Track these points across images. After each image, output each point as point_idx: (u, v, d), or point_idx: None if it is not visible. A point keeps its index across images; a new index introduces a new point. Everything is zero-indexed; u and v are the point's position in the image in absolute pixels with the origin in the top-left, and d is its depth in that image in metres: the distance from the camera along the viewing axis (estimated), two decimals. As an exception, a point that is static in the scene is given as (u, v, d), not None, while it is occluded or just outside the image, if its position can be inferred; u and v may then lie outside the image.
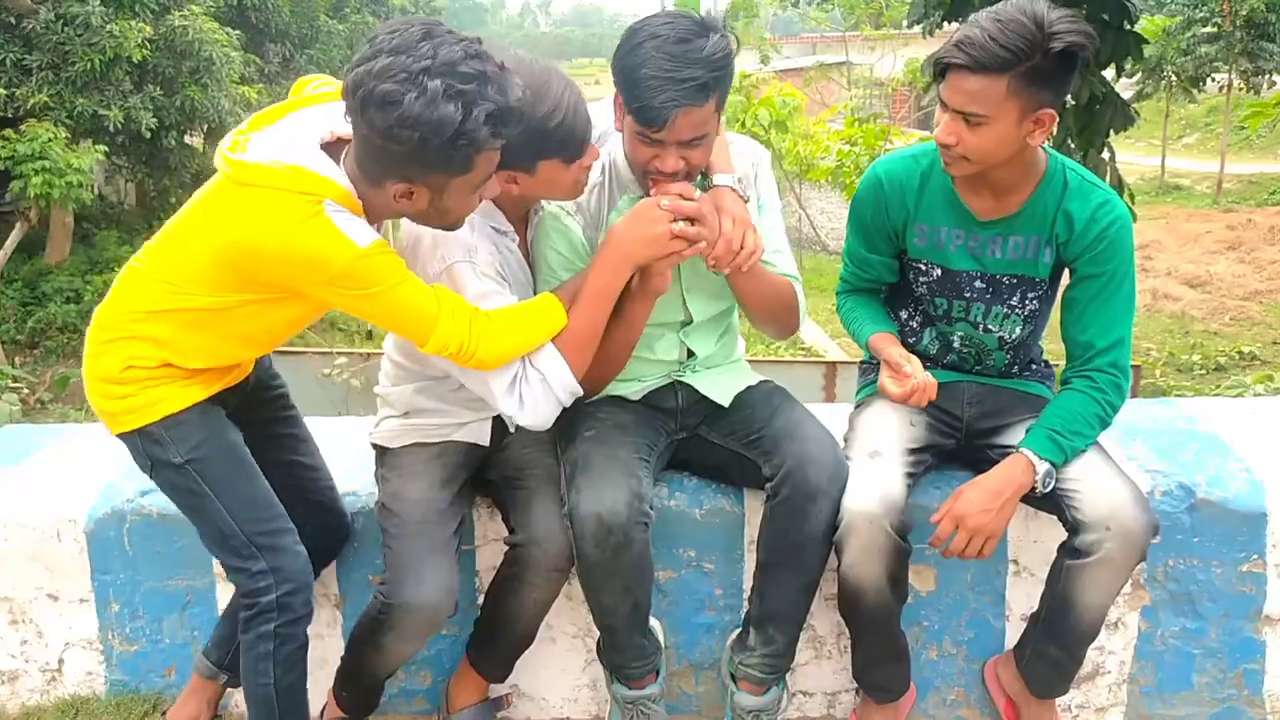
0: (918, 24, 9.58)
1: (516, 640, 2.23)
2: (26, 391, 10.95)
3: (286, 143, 1.78)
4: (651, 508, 2.02)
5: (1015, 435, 2.13)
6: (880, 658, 2.21)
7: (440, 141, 1.64)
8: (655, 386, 2.24)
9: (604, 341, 2.03)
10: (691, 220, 1.92)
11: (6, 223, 13.64)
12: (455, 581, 2.04)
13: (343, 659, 2.21)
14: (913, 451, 2.15)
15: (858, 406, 2.34)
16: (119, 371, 1.89)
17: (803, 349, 12.13)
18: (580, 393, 2.01)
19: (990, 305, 2.16)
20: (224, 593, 2.36)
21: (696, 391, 2.23)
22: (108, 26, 12.72)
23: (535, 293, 2.10)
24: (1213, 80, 22.30)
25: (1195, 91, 22.64)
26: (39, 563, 2.40)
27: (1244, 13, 19.64)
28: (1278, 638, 2.30)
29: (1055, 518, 2.08)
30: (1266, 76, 20.92)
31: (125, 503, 2.37)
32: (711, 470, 2.32)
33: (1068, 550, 2.02)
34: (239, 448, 2.00)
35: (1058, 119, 1.96)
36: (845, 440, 2.21)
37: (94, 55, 12.74)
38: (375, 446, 2.24)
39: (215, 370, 1.97)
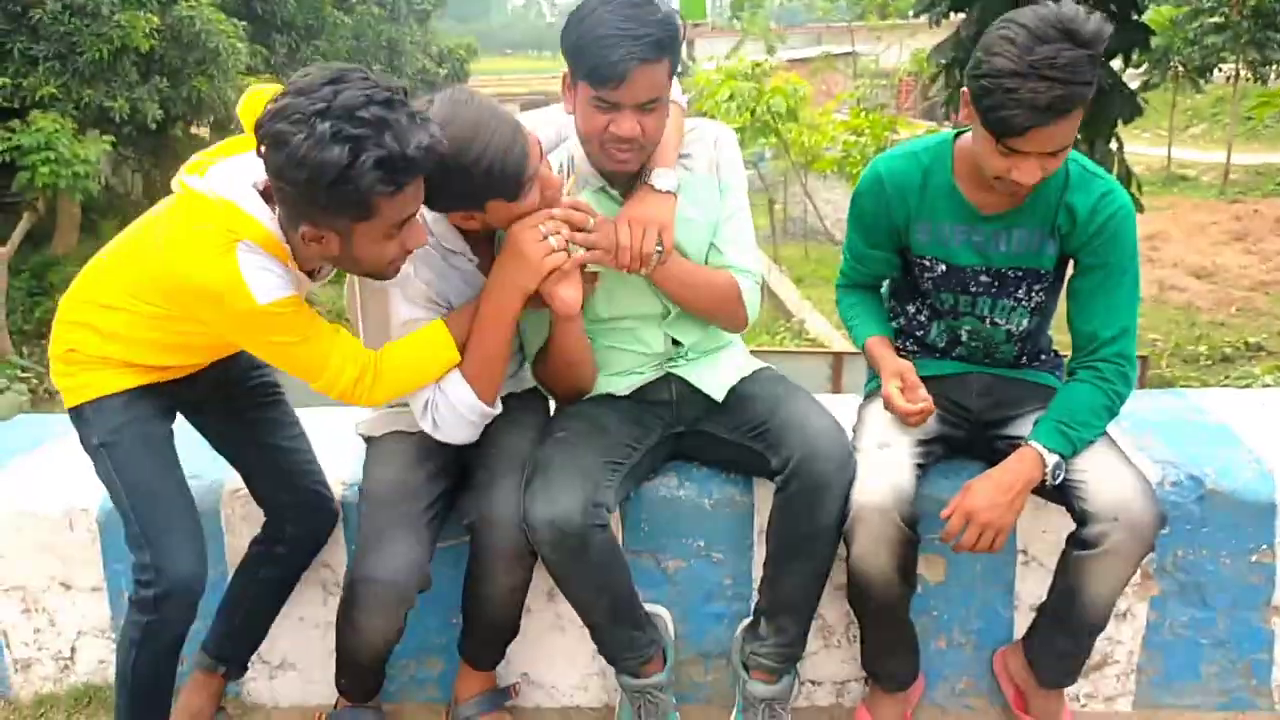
0: (924, 13, 9.58)
1: (495, 626, 2.22)
2: (35, 382, 10.98)
3: (231, 177, 1.81)
4: (610, 510, 2.03)
5: (1025, 426, 2.13)
6: (889, 647, 2.21)
7: (326, 184, 1.65)
8: (647, 380, 2.23)
9: (550, 363, 2.11)
10: (581, 230, 1.94)
11: (14, 213, 13.66)
12: (423, 557, 2.04)
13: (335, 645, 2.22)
14: (922, 443, 2.15)
15: (867, 398, 2.33)
16: (63, 352, 1.99)
17: (809, 340, 12.12)
18: (493, 412, 2.05)
19: (996, 299, 2.16)
20: (235, 582, 2.37)
21: (690, 383, 2.23)
22: (115, 17, 12.71)
23: None
24: (1219, 70, 22.21)
25: (1202, 82, 22.54)
26: (51, 552, 2.41)
27: (1251, 2, 19.55)
28: (1286, 628, 2.30)
29: (1064, 508, 2.08)
30: (1274, 67, 20.84)
31: (97, 503, 2.36)
32: (720, 463, 2.32)
33: (1076, 541, 2.02)
34: (158, 440, 2.02)
35: None
36: (854, 431, 2.21)
37: (102, 46, 12.73)
38: (362, 438, 2.27)
39: (156, 367, 2.00)
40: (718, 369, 2.25)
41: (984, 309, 2.18)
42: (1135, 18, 8.22)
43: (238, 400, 2.18)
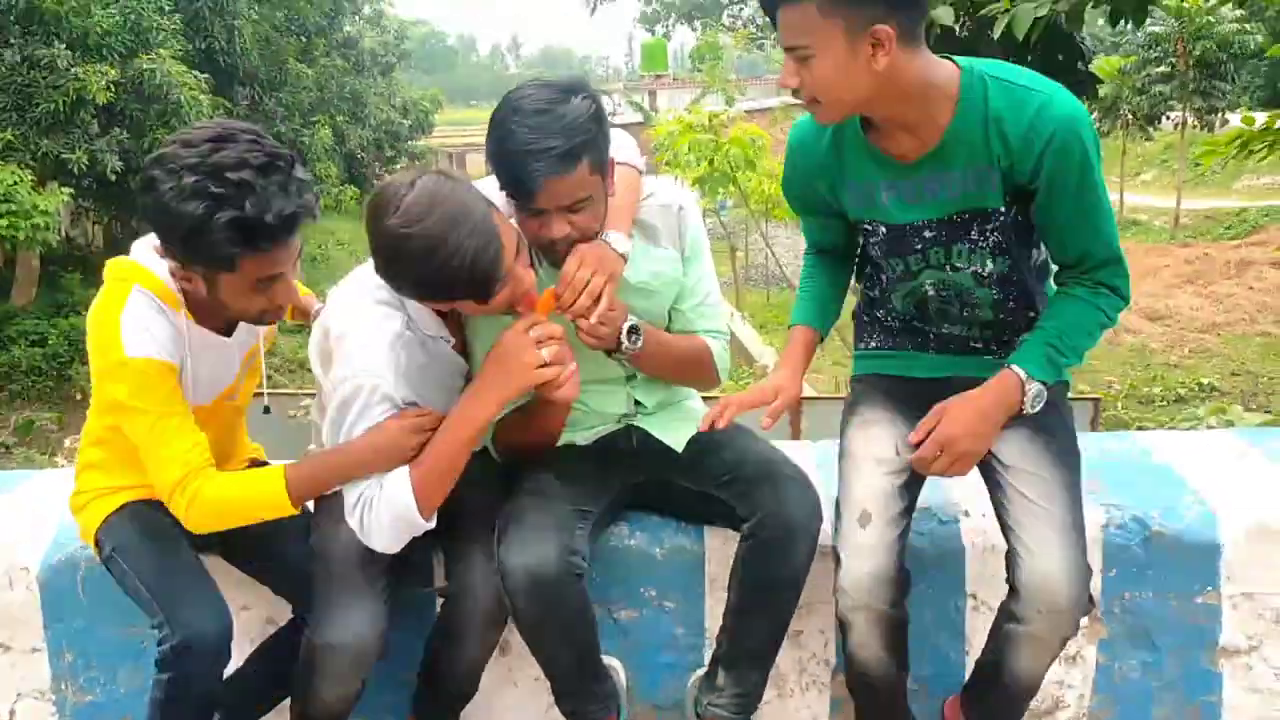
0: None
1: (455, 692, 2.19)
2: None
3: (145, 239, 1.91)
4: (585, 559, 2.01)
5: (1014, 442, 1.97)
6: None
7: (181, 235, 1.74)
8: (608, 431, 2.24)
9: (526, 436, 2.09)
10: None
11: (-31, 266, 13.51)
12: (382, 623, 2.02)
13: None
14: (903, 510, 2.03)
15: (850, 406, 2.18)
16: (73, 496, 2.15)
17: (771, 385, 12.18)
18: (427, 527, 1.97)
19: (949, 245, 1.94)
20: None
21: (651, 434, 2.23)
22: (72, 70, 12.70)
23: (469, 379, 2.11)
24: (1168, 118, 22.80)
25: (1151, 129, 23.13)
26: (-10, 612, 2.36)
27: (1197, 53, 20.14)
28: (1233, 670, 2.32)
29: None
30: (1219, 114, 21.40)
31: (79, 550, 2.33)
32: (683, 513, 2.32)
33: (1004, 610, 1.98)
34: (163, 527, 2.04)
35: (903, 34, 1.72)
36: (839, 458, 2.12)
37: (58, 97, 12.72)
38: None
39: (145, 485, 2.04)
40: (678, 421, 2.26)
41: (938, 258, 1.96)
42: (1083, 67, 8.41)
43: None
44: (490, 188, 1.95)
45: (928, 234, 1.94)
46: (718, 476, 2.17)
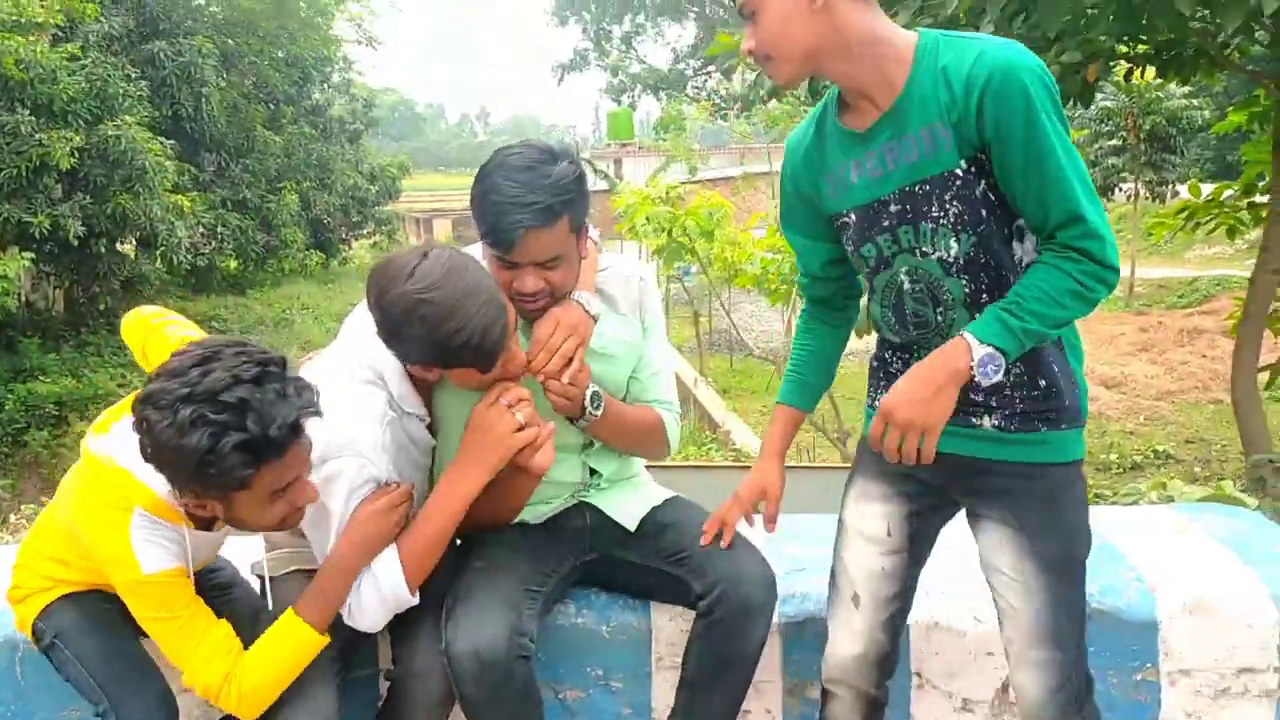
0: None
1: None
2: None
3: (129, 439, 1.81)
4: (533, 640, 2.02)
5: (987, 541, 1.89)
6: None
7: (189, 468, 1.69)
8: (560, 509, 2.25)
9: (495, 507, 2.09)
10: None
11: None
12: (334, 708, 2.00)
13: None
14: (896, 593, 2.03)
15: (852, 471, 2.11)
16: (10, 590, 2.12)
17: (734, 451, 12.20)
18: (412, 603, 2.01)
19: (915, 223, 1.82)
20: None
21: (604, 511, 2.25)
22: (37, 135, 12.69)
23: (438, 451, 2.14)
24: (1120, 190, 23.35)
25: (1105, 200, 23.67)
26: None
27: (1147, 127, 20.68)
28: (1174, 745, 2.34)
29: (958, 628, 2.10)
30: (1170, 186, 21.96)
31: (16, 631, 2.30)
32: (635, 590, 2.33)
33: None
34: (105, 614, 2.04)
35: None
36: (837, 524, 2.09)
37: (21, 163, 12.68)
38: (259, 579, 2.21)
39: (82, 581, 2.06)
40: (630, 497, 2.28)
41: (907, 239, 1.84)
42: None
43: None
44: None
45: (893, 208, 1.84)
46: (672, 553, 2.19)
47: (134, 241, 16.54)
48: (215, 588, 2.20)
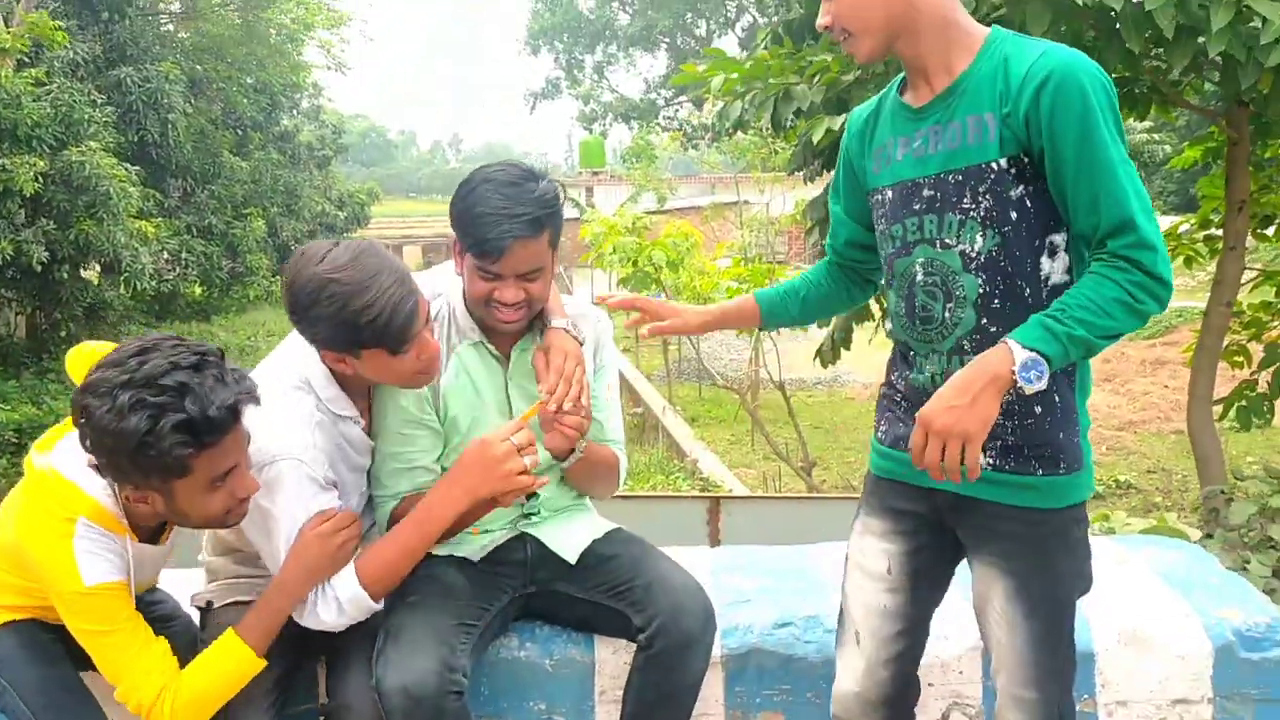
0: (798, 170, 10.05)
1: None
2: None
3: (72, 452, 1.86)
4: (466, 675, 2.01)
5: (979, 579, 1.89)
6: None
7: (129, 451, 1.72)
8: (499, 543, 2.26)
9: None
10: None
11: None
12: None
13: None
14: (901, 630, 2.00)
15: (860, 504, 2.08)
16: None
17: (701, 479, 12.22)
18: (375, 608, 2.03)
19: (942, 214, 1.82)
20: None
21: (544, 544, 2.25)
22: (0, 161, 12.59)
23: (375, 456, 2.16)
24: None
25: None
26: None
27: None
28: (1112, 776, 2.36)
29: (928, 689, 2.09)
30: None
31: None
32: (575, 622, 2.33)
33: None
34: (44, 644, 2.02)
35: None
36: (846, 558, 2.07)
37: (-17, 188, 12.56)
38: (198, 609, 2.22)
39: (36, 606, 2.02)
40: (571, 530, 2.29)
41: (931, 229, 1.83)
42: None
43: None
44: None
45: (926, 193, 1.84)
46: (612, 586, 2.20)
47: (98, 268, 16.38)
48: (156, 620, 2.18)
